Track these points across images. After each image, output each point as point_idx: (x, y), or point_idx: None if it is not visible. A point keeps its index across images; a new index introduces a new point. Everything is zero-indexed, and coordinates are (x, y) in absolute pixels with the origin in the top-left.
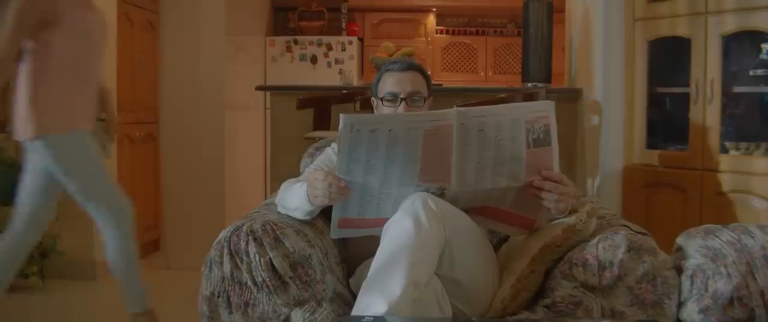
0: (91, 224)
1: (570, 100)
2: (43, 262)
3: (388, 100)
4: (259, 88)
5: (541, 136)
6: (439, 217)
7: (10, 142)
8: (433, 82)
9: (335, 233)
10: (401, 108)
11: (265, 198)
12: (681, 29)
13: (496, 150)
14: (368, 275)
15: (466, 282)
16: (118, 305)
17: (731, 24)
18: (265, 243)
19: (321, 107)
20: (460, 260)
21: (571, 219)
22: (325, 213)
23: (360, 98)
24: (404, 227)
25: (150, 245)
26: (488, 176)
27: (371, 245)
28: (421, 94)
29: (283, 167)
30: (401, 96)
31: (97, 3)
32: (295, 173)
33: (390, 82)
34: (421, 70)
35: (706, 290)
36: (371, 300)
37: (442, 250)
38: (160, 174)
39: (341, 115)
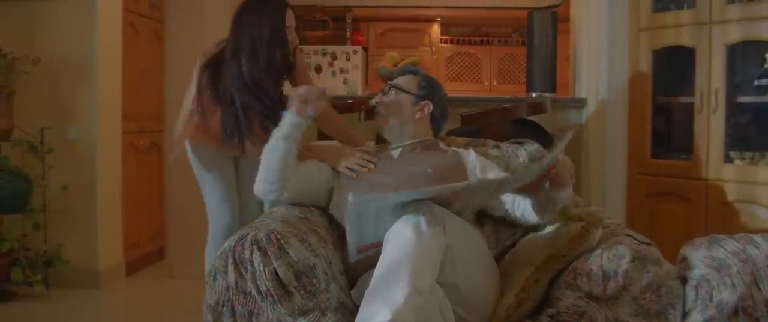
0: (96, 233)
1: (575, 109)
2: (48, 270)
3: None
4: None
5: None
6: (440, 222)
7: (15, 150)
8: None
9: (354, 257)
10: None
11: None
12: (685, 39)
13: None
14: (371, 283)
15: (466, 288)
16: (121, 313)
17: (735, 34)
18: (269, 252)
19: None
20: (461, 265)
21: (576, 227)
22: (329, 221)
23: (364, 108)
24: (405, 234)
25: (154, 254)
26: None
27: (372, 256)
28: (399, 88)
29: None
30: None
31: (103, 13)
32: None
33: None
34: (419, 75)
35: (711, 300)
36: (374, 309)
37: (443, 256)
38: (164, 183)
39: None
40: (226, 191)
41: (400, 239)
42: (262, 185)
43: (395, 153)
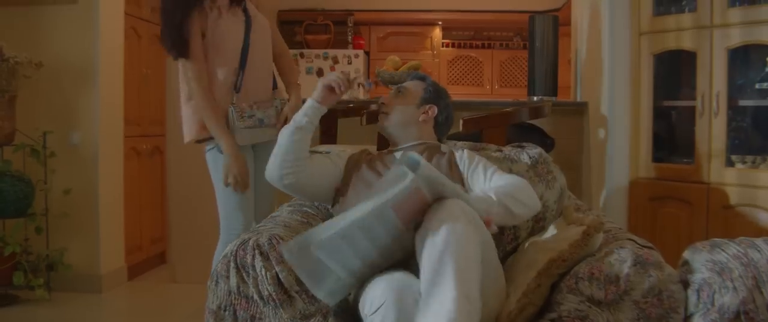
0: (98, 238)
1: (576, 113)
2: (50, 274)
3: None
4: None
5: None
6: (473, 219)
7: (18, 154)
8: None
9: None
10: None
11: (272, 212)
12: (687, 43)
13: None
14: (422, 291)
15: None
16: (123, 317)
17: (736, 37)
18: (271, 257)
19: (327, 121)
20: None
21: (578, 231)
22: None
23: (366, 112)
24: (442, 235)
25: (156, 258)
26: None
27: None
28: (406, 89)
29: None
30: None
31: (105, 17)
32: None
33: None
34: (426, 80)
35: (713, 304)
36: None
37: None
38: (166, 187)
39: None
40: (242, 199)
41: (441, 239)
42: (274, 169)
43: (397, 154)
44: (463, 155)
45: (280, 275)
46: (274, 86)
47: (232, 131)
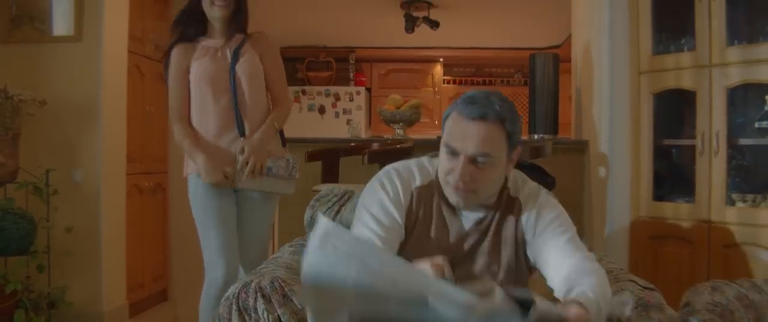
0: (100, 275)
1: (577, 151)
2: (51, 312)
3: (448, 153)
4: None
5: None
6: None
7: (20, 192)
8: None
9: None
10: (459, 166)
11: (273, 252)
12: (686, 82)
13: None
14: None
15: None
16: None
17: (735, 77)
18: (273, 300)
19: (329, 160)
20: None
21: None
22: None
23: (368, 152)
24: None
25: (158, 296)
26: None
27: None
28: (489, 155)
29: (291, 220)
30: (462, 154)
31: (108, 55)
32: (303, 225)
33: (455, 132)
34: (501, 119)
35: None
36: None
37: None
38: (168, 225)
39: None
40: (225, 242)
41: None
42: None
43: (465, 223)
44: (530, 218)
45: (282, 318)
46: (284, 143)
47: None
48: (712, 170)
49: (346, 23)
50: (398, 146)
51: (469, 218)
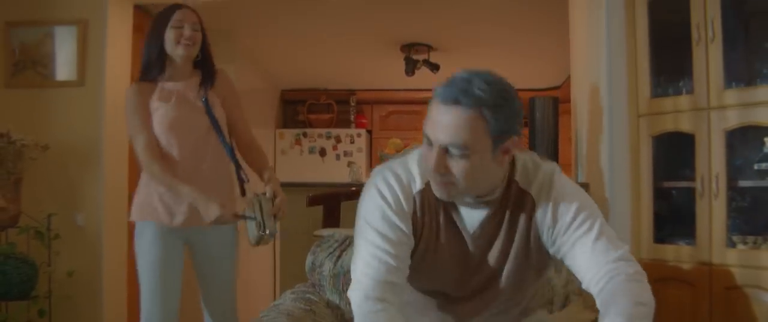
0: (101, 320)
1: None
2: None
3: (424, 141)
4: None
5: None
6: None
7: (22, 237)
8: None
9: None
10: (433, 157)
11: (274, 299)
12: (685, 125)
13: None
14: None
15: None
16: None
17: (734, 119)
18: None
19: (330, 204)
20: None
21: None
22: (335, 314)
23: None
24: None
25: None
26: None
27: None
28: (463, 147)
29: (292, 265)
30: (435, 143)
31: (110, 100)
32: (304, 271)
33: (430, 117)
34: (479, 106)
35: None
36: None
37: None
38: None
39: None
40: (162, 284)
41: None
42: None
43: (470, 223)
44: (546, 216)
45: None
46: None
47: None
48: (713, 212)
49: (346, 66)
50: None
51: (474, 218)
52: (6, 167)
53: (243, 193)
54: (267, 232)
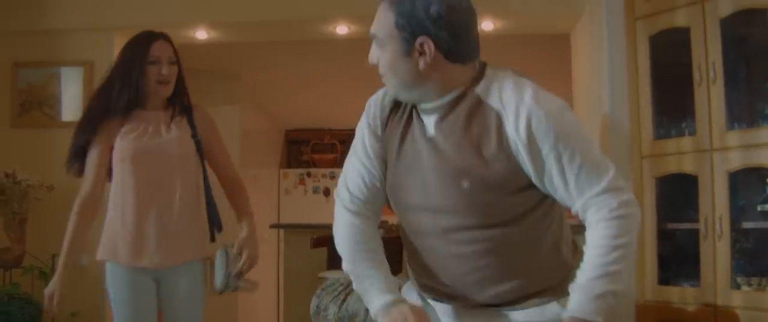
0: None
1: (582, 234)
2: None
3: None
4: (273, 226)
5: None
6: None
7: (26, 277)
8: None
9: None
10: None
11: None
12: (687, 166)
13: None
14: None
15: None
16: None
17: (736, 161)
18: None
19: (335, 247)
20: None
21: None
22: None
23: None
24: None
25: None
26: None
27: None
28: (375, 36)
29: (297, 306)
30: None
31: None
32: (309, 311)
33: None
34: (390, 1)
35: None
36: None
37: None
38: None
39: None
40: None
41: None
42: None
43: (429, 123)
44: (519, 132)
45: None
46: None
47: None
48: (717, 253)
49: (350, 106)
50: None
51: (430, 123)
52: (11, 207)
53: (212, 238)
54: (228, 288)
